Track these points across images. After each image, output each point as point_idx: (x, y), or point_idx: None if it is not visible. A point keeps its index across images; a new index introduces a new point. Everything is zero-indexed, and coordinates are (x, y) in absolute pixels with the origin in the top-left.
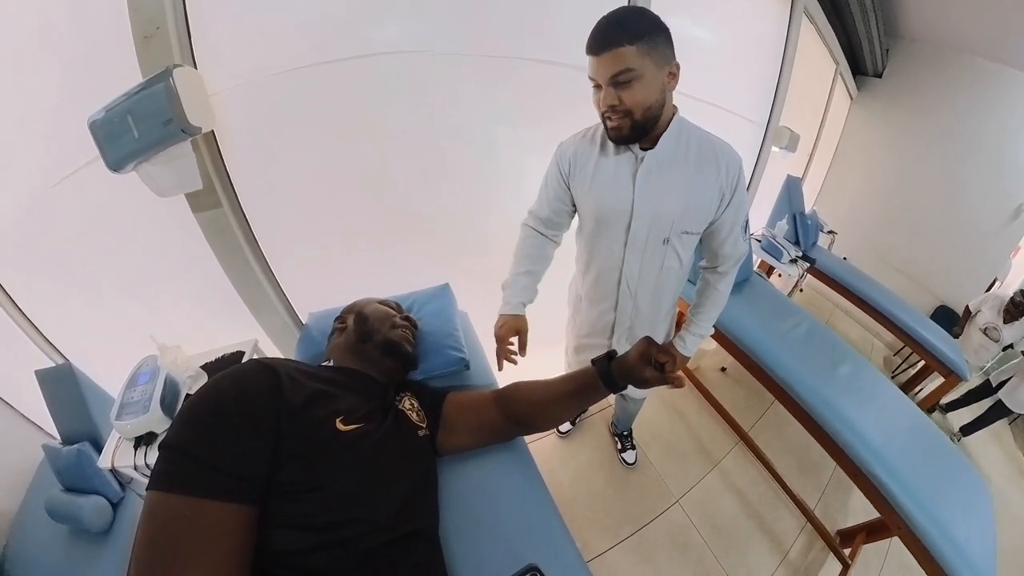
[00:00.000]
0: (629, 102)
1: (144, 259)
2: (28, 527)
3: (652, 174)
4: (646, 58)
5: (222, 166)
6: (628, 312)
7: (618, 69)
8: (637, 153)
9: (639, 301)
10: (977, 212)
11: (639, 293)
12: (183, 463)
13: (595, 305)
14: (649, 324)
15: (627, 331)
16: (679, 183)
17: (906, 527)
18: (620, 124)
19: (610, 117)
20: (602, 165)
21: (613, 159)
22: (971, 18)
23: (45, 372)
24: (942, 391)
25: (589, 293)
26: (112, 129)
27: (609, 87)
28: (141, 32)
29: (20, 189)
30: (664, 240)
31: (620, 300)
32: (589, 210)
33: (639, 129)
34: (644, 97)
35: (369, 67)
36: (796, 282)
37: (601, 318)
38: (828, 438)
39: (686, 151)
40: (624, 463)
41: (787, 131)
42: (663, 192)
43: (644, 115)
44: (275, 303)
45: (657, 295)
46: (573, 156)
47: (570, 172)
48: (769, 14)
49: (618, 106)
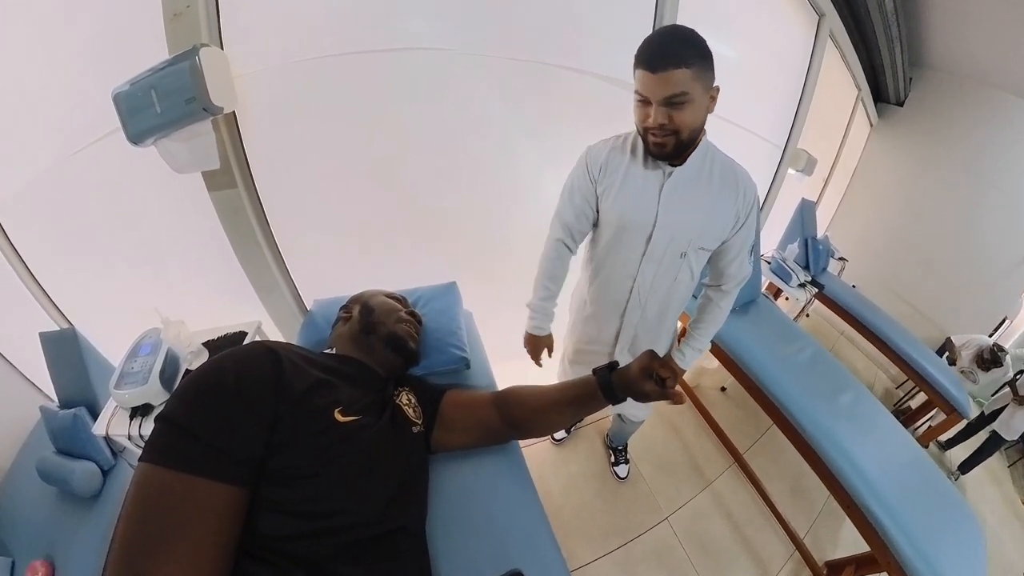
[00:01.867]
0: (679, 123)
1: (156, 233)
2: (18, 486)
3: (678, 190)
4: (697, 82)
5: (240, 147)
6: (635, 321)
7: (674, 92)
8: (665, 168)
9: (647, 311)
10: (990, 248)
11: (648, 303)
12: (178, 438)
13: (601, 312)
14: (653, 335)
15: (631, 340)
16: (701, 201)
17: (896, 564)
18: (665, 142)
19: (655, 134)
20: (631, 175)
21: (642, 171)
22: (994, 51)
23: (49, 335)
24: (943, 428)
25: (596, 299)
26: (135, 103)
27: (661, 106)
28: (171, 9)
29: (41, 155)
30: (682, 254)
31: (629, 309)
32: (612, 217)
33: (681, 148)
34: (692, 119)
35: (394, 61)
36: (803, 307)
37: (607, 326)
38: (823, 466)
39: (710, 172)
40: (616, 476)
41: (804, 154)
42: (686, 208)
43: (689, 136)
44: (282, 287)
45: (665, 307)
46: (605, 161)
47: (599, 176)
48: (794, 35)
49: (667, 125)
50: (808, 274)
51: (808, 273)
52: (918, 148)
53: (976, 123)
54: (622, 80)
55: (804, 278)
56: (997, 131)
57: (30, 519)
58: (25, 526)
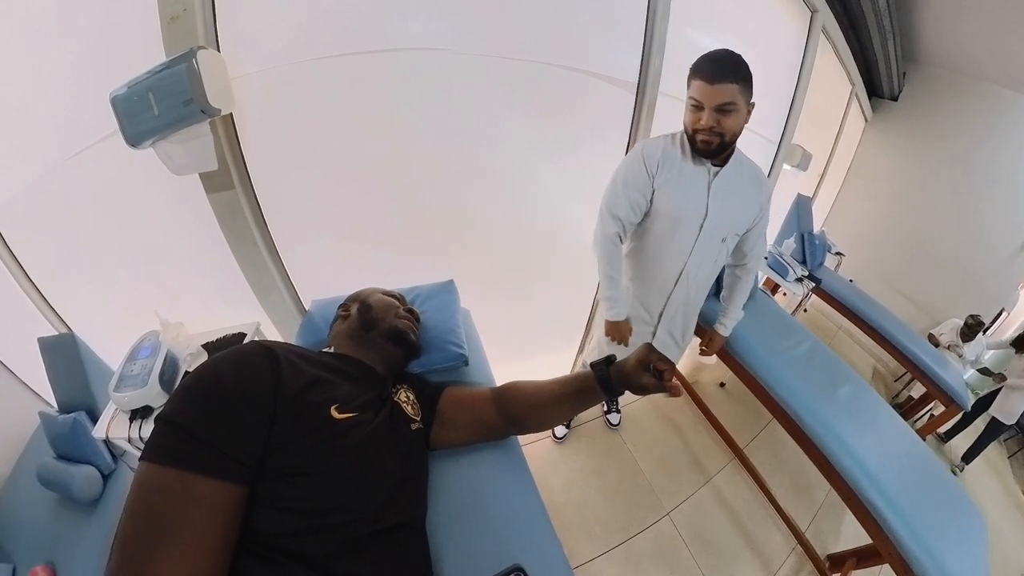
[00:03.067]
0: (725, 127)
1: (154, 236)
2: (18, 492)
3: (722, 187)
4: (742, 96)
5: (238, 149)
6: (681, 299)
7: (725, 101)
8: (710, 167)
9: (691, 289)
10: (986, 241)
11: (694, 282)
12: (177, 437)
13: (647, 293)
14: (692, 310)
15: (673, 316)
16: (738, 196)
17: (898, 555)
18: (711, 140)
19: (705, 135)
20: (684, 169)
21: (692, 168)
22: (987, 45)
23: (47, 340)
24: (942, 419)
25: (642, 281)
26: (133, 105)
27: (712, 111)
28: (168, 12)
29: (37, 158)
30: (723, 239)
31: (677, 288)
32: (669, 208)
33: (722, 148)
34: (736, 126)
35: (391, 62)
36: (800, 301)
37: (651, 305)
38: (824, 459)
39: (741, 172)
40: (608, 424)
41: (799, 149)
42: (728, 201)
43: (731, 139)
44: (280, 288)
45: (704, 285)
46: (662, 157)
47: (657, 170)
48: (787, 31)
49: (715, 128)
50: (805, 269)
51: (805, 268)
52: (913, 142)
53: (970, 117)
54: (619, 79)
55: (801, 272)
56: (991, 124)
57: (31, 525)
58: (26, 532)
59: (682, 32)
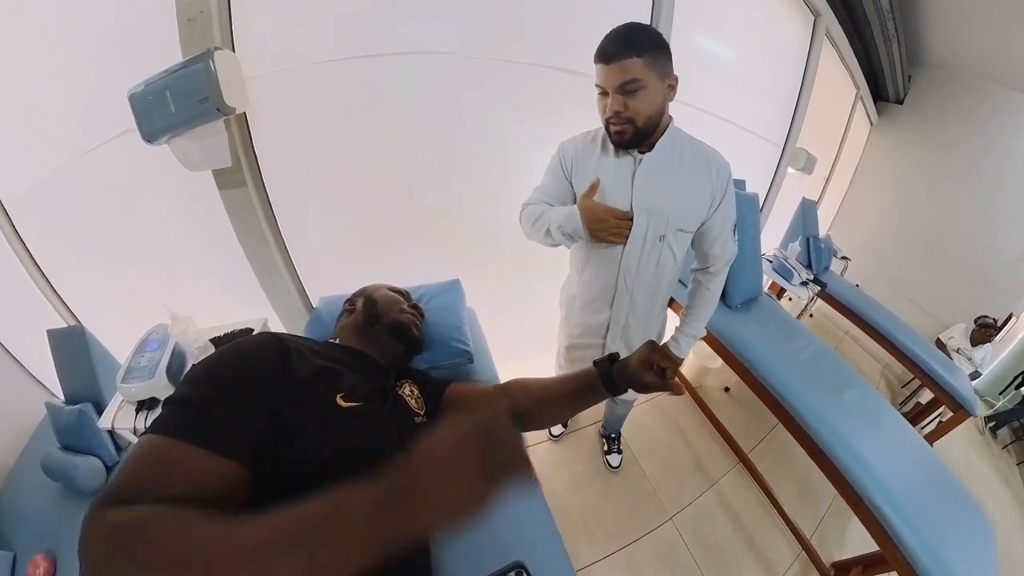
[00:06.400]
0: (633, 110)
1: (165, 231)
2: (22, 481)
3: (649, 175)
4: (650, 70)
5: (251, 147)
6: (624, 310)
7: (626, 79)
8: (636, 156)
9: (635, 297)
10: (994, 245)
11: (635, 289)
12: (179, 412)
13: (591, 303)
14: (644, 323)
15: (622, 330)
16: (674, 184)
17: (905, 562)
18: (623, 129)
19: (614, 122)
20: (603, 165)
21: (613, 160)
22: (993, 47)
23: (56, 332)
24: (950, 425)
25: (585, 291)
26: (151, 102)
27: (616, 94)
28: (185, 14)
29: (54, 153)
30: (660, 237)
31: (617, 297)
32: None
33: (640, 135)
34: (646, 106)
35: (399, 64)
36: (806, 305)
37: (596, 316)
38: (830, 464)
39: (680, 155)
40: (608, 466)
41: (804, 153)
42: (659, 192)
43: (645, 123)
44: (289, 284)
45: (652, 292)
46: (575, 154)
47: (572, 169)
48: (790, 35)
49: (623, 112)
50: (810, 272)
51: (810, 272)
52: (919, 146)
53: (977, 119)
54: None
55: (806, 276)
56: (999, 127)
57: (33, 514)
58: (28, 521)
59: (685, 37)
